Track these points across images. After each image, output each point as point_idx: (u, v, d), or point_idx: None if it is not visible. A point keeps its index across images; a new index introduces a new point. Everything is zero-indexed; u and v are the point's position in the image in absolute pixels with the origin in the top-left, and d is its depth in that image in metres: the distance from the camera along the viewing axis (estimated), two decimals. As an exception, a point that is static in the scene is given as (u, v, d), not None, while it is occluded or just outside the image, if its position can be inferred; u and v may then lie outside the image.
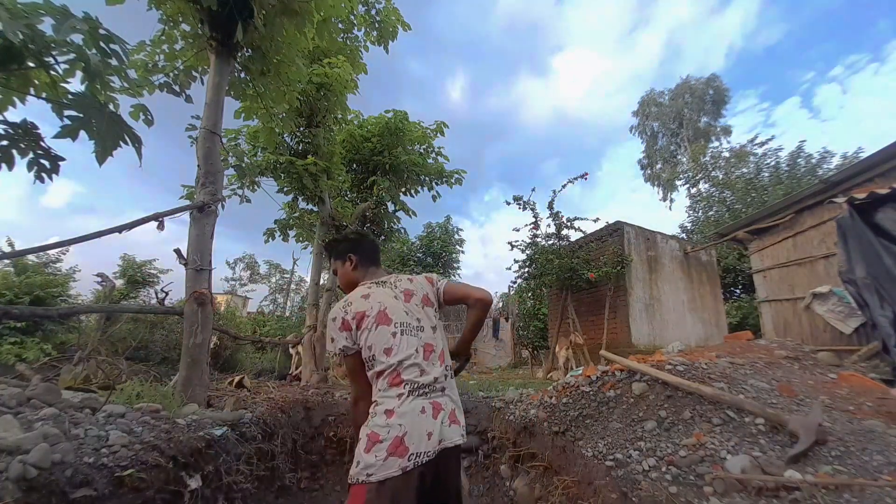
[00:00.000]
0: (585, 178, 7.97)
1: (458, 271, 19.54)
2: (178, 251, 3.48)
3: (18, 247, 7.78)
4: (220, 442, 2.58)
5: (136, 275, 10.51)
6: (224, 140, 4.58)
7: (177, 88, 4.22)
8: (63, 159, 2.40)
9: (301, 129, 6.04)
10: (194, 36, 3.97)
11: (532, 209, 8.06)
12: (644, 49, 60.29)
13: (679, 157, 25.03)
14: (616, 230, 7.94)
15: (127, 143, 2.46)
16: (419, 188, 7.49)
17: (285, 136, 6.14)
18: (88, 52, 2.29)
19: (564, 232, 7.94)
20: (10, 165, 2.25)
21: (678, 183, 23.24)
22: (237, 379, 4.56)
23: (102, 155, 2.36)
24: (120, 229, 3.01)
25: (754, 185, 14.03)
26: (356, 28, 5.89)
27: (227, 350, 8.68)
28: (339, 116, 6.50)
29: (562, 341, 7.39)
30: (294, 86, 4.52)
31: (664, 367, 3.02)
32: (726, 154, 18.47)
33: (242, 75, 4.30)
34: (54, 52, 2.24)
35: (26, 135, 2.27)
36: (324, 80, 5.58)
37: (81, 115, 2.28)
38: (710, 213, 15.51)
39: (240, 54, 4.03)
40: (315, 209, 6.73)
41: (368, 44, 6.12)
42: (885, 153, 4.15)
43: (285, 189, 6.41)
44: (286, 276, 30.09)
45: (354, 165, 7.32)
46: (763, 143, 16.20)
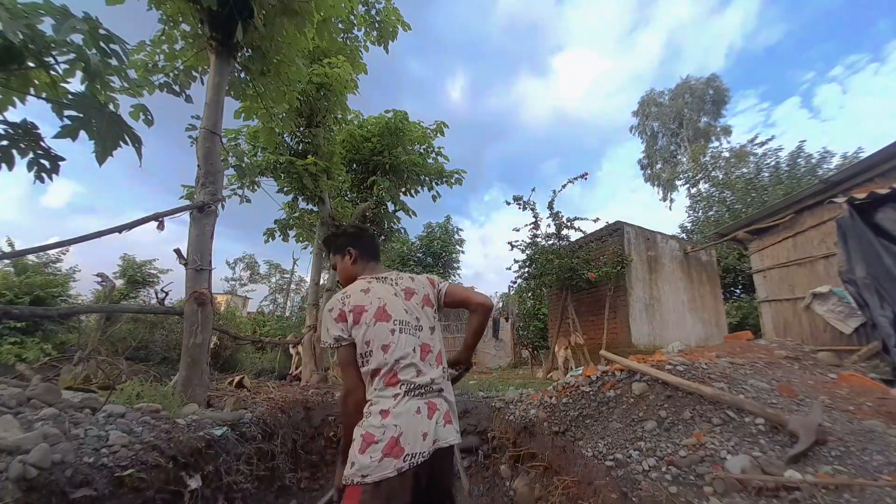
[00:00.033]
0: (585, 178, 7.99)
1: (458, 271, 19.58)
2: (178, 251, 3.48)
3: (18, 247, 7.79)
4: (220, 442, 2.58)
5: (136, 275, 10.51)
6: (224, 140, 4.58)
7: (177, 88, 4.23)
8: (63, 159, 2.41)
9: (301, 129, 6.04)
10: (194, 36, 3.97)
11: (532, 209, 8.07)
12: (644, 49, 60.24)
13: (679, 157, 25.03)
14: (616, 230, 7.94)
15: (127, 143, 2.46)
16: (419, 188, 7.49)
17: (285, 136, 6.14)
18: (88, 52, 2.29)
19: (564, 232, 7.94)
20: (10, 165, 2.26)
21: (678, 183, 23.24)
22: (237, 379, 4.56)
23: (102, 155, 2.36)
24: (120, 229, 3.02)
25: (754, 185, 14.02)
26: (356, 28, 5.90)
27: (227, 350, 8.69)
28: (339, 116, 6.50)
29: (561, 341, 7.39)
30: (294, 86, 4.52)
31: (664, 367, 3.02)
32: (726, 154, 18.47)
33: (242, 75, 4.30)
34: (54, 52, 2.24)
35: (26, 135, 2.28)
36: (324, 80, 5.58)
37: (81, 115, 2.28)
38: (710, 213, 15.51)
39: (240, 54, 4.04)
40: (315, 209, 6.73)
41: (368, 44, 6.13)
42: (885, 153, 4.15)
43: (285, 189, 6.41)
44: (286, 276, 30.08)
45: (354, 165, 7.32)
46: (763, 143, 16.21)
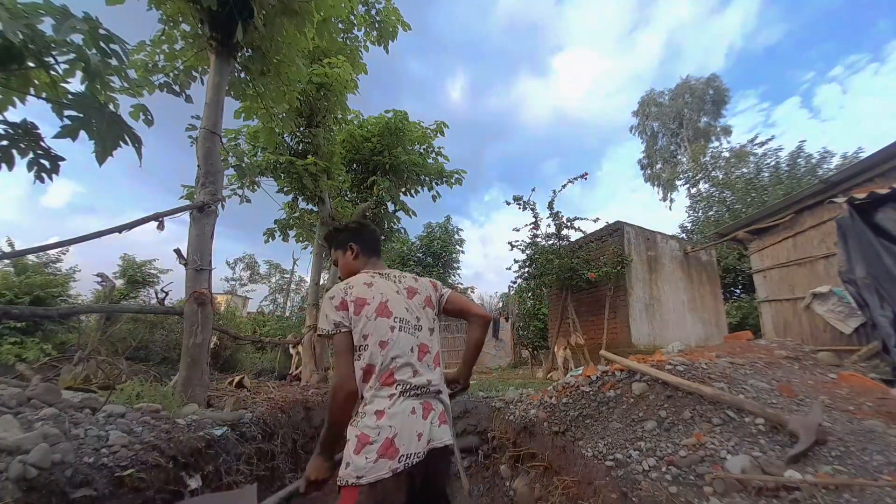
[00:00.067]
0: (585, 178, 7.99)
1: (458, 271, 19.55)
2: (178, 251, 3.48)
3: (18, 247, 7.80)
4: (220, 442, 2.58)
5: (136, 275, 10.51)
6: (224, 140, 4.58)
7: (177, 88, 4.23)
8: (63, 159, 2.41)
9: (301, 129, 6.04)
10: (194, 36, 3.97)
11: (532, 209, 8.06)
12: (644, 49, 60.07)
13: (679, 157, 25.03)
14: (616, 230, 7.94)
15: (127, 143, 2.46)
16: (419, 188, 7.49)
17: (285, 136, 6.14)
18: (88, 52, 2.29)
19: (564, 232, 7.94)
20: (10, 165, 2.26)
21: (678, 183, 23.24)
22: (237, 379, 4.56)
23: (102, 155, 2.36)
24: (120, 229, 3.02)
25: (754, 185, 14.02)
26: (356, 28, 5.90)
27: (227, 350, 8.69)
28: (339, 116, 6.50)
29: (560, 341, 7.39)
30: (294, 86, 4.52)
31: (664, 367, 3.02)
32: (726, 154, 18.47)
33: (242, 75, 4.30)
34: (54, 52, 2.24)
35: (26, 135, 2.28)
36: (324, 80, 5.58)
37: (81, 115, 2.28)
38: (710, 213, 15.51)
39: (240, 54, 4.04)
40: (315, 209, 6.73)
41: (368, 44, 6.13)
42: (885, 153, 4.15)
43: (285, 189, 6.41)
44: (286, 276, 30.05)
45: (354, 165, 7.31)
46: (763, 143, 16.21)
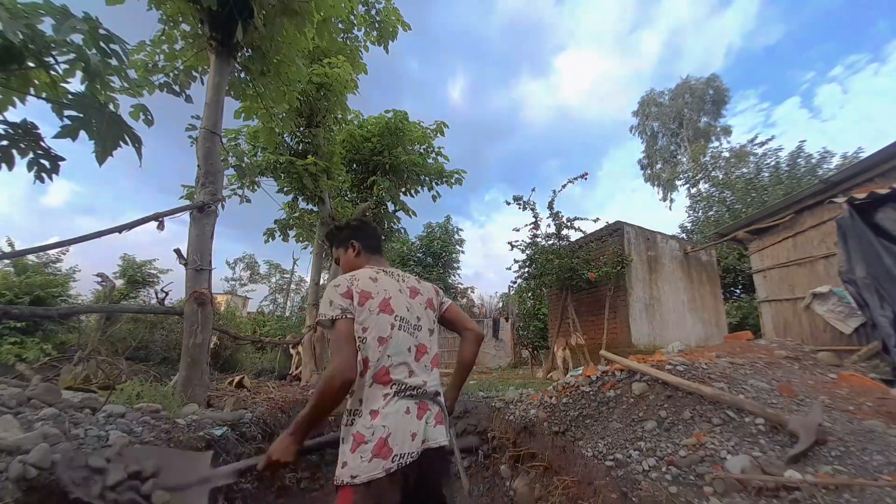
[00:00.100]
0: (585, 178, 7.98)
1: (458, 271, 19.57)
2: (178, 251, 3.48)
3: (18, 247, 7.80)
4: (220, 442, 2.58)
5: (136, 275, 10.52)
6: (224, 140, 4.58)
7: (177, 88, 4.23)
8: (63, 159, 2.41)
9: (301, 129, 6.04)
10: (194, 36, 3.97)
11: (532, 209, 8.05)
12: (644, 49, 60.05)
13: (679, 157, 25.01)
14: (616, 230, 7.94)
15: (127, 143, 2.46)
16: (419, 188, 7.50)
17: (285, 136, 6.15)
18: (88, 52, 2.29)
19: (564, 232, 7.93)
20: (10, 165, 2.26)
21: (678, 183, 23.22)
22: (237, 379, 4.56)
23: (102, 155, 2.36)
24: (120, 229, 3.02)
25: (754, 185, 14.01)
26: (356, 28, 5.91)
27: (227, 350, 8.70)
28: (339, 116, 6.51)
29: (559, 341, 7.39)
30: (294, 86, 4.53)
31: (664, 367, 3.02)
32: (726, 154, 18.45)
33: (242, 75, 4.30)
34: (54, 52, 2.25)
35: (26, 135, 2.28)
36: (324, 80, 5.58)
37: (81, 115, 2.28)
38: (710, 213, 15.50)
39: (240, 54, 4.04)
40: (315, 209, 6.74)
41: (368, 44, 6.14)
42: (885, 153, 4.15)
43: (285, 189, 6.42)
44: (286, 276, 30.05)
45: (354, 165, 7.32)
46: (763, 143, 16.18)
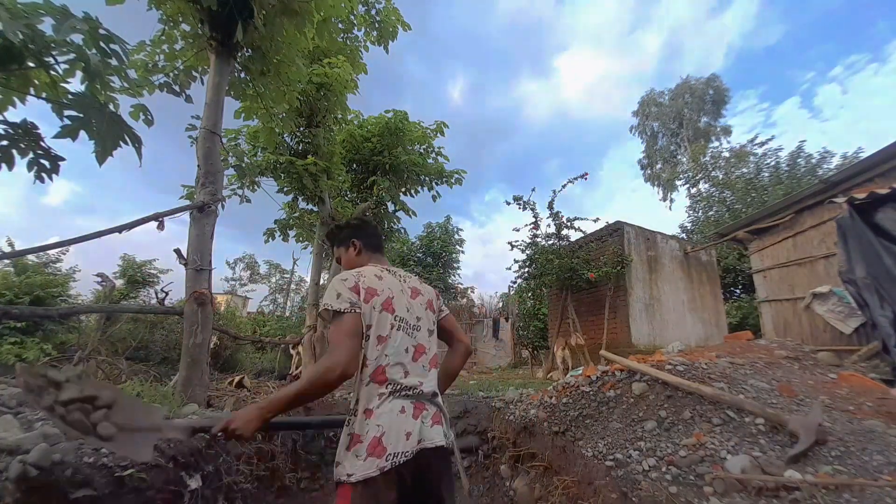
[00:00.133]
0: (585, 178, 7.99)
1: (458, 271, 19.59)
2: (178, 251, 3.48)
3: (18, 247, 7.80)
4: (220, 442, 2.58)
5: (136, 275, 10.52)
6: (224, 140, 4.58)
7: (177, 88, 4.23)
8: (63, 159, 2.41)
9: (301, 129, 6.04)
10: (194, 36, 3.97)
11: (532, 209, 8.06)
12: (644, 49, 60.18)
13: (679, 157, 25.02)
14: (616, 230, 7.94)
15: (127, 143, 2.46)
16: (419, 188, 7.49)
17: (285, 136, 6.15)
18: (88, 52, 2.29)
19: (564, 232, 7.94)
20: (10, 165, 2.26)
21: (678, 183, 23.22)
22: (237, 379, 4.56)
23: (102, 155, 2.36)
24: (120, 229, 3.02)
25: (754, 185, 14.02)
26: (356, 28, 5.90)
27: (227, 350, 8.71)
28: (339, 116, 6.51)
29: (559, 341, 7.39)
30: (294, 86, 4.52)
31: (664, 367, 3.02)
32: (726, 154, 18.46)
33: (242, 75, 4.30)
34: (54, 52, 2.25)
35: (26, 135, 2.28)
36: (324, 80, 5.58)
37: (81, 115, 2.28)
38: (710, 213, 15.50)
39: (240, 54, 4.04)
40: (315, 209, 6.73)
41: (368, 44, 6.13)
42: (885, 153, 4.15)
43: (285, 189, 6.42)
44: (286, 276, 30.08)
45: (354, 165, 7.32)
46: (763, 143, 16.20)
